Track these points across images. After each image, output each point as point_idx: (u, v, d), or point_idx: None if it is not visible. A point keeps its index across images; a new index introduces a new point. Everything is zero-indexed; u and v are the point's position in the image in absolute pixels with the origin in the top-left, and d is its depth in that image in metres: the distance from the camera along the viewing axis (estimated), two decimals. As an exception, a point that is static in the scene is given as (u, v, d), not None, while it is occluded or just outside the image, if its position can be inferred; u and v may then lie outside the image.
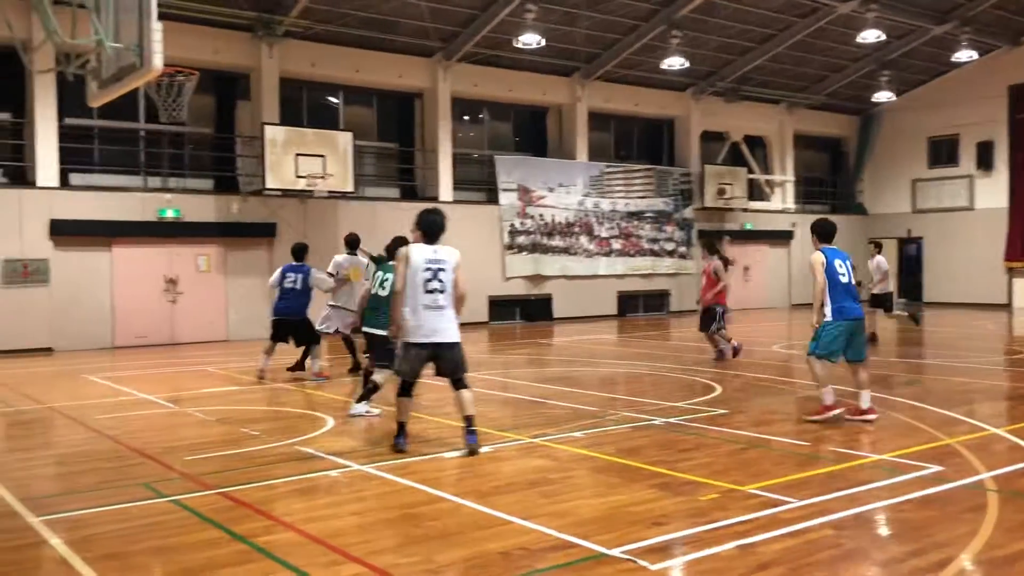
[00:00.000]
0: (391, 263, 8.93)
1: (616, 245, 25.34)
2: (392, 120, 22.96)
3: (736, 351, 13.89)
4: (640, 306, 25.84)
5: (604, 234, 25.08)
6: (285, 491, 6.27)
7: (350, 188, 19.78)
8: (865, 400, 8.47)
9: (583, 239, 24.70)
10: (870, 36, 22.94)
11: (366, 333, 9.41)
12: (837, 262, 8.45)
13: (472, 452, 7.24)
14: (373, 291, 9.34)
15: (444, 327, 7.27)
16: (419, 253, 7.33)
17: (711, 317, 13.86)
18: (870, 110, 30.81)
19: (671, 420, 8.74)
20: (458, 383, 7.40)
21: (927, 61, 27.72)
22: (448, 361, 7.35)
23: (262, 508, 5.78)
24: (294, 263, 12.41)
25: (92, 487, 6.51)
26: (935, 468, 6.59)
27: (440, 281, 7.26)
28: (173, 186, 19.19)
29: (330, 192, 19.47)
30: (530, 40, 20.11)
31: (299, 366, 12.68)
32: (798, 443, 7.60)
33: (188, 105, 15.02)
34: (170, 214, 18.40)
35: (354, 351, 12.66)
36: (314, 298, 12.56)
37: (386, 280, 9.06)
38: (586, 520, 5.43)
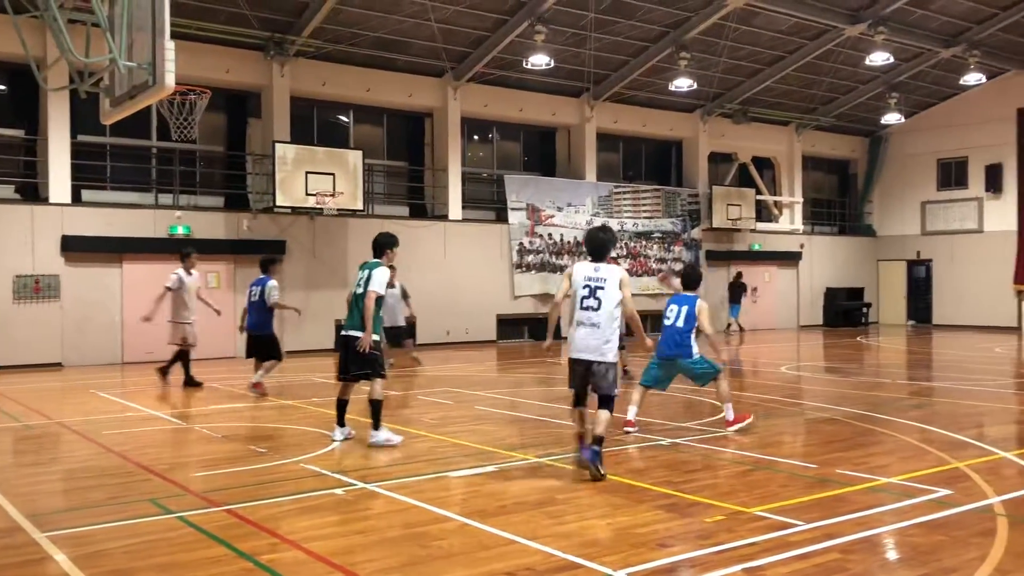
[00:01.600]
0: (371, 261, 8.65)
1: (624, 265, 25.33)
2: (402, 139, 23.08)
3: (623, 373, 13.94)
4: (648, 326, 25.68)
5: (612, 254, 25.04)
6: (290, 509, 6.26)
7: (360, 206, 19.89)
8: (631, 414, 9.30)
9: (591, 259, 24.68)
10: (878, 58, 23.00)
11: (343, 336, 8.64)
12: (672, 307, 9.41)
13: (582, 465, 7.04)
14: (354, 291, 8.65)
15: (595, 345, 7.13)
16: (581, 270, 7.36)
17: None
18: (879, 132, 30.83)
19: (678, 441, 8.72)
20: (601, 401, 7.24)
21: (936, 84, 27.76)
22: (598, 378, 7.18)
23: (267, 526, 5.78)
24: (260, 276, 12.54)
25: (98, 503, 6.52)
26: (944, 492, 6.55)
27: (596, 299, 7.18)
28: (184, 203, 19.31)
29: (340, 210, 19.58)
30: (539, 61, 20.26)
31: (164, 372, 13.37)
32: (805, 465, 7.56)
33: (199, 123, 15.18)
34: (180, 231, 18.49)
35: (187, 366, 13.37)
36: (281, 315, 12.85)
37: (361, 279, 8.50)
38: (592, 541, 5.41)
